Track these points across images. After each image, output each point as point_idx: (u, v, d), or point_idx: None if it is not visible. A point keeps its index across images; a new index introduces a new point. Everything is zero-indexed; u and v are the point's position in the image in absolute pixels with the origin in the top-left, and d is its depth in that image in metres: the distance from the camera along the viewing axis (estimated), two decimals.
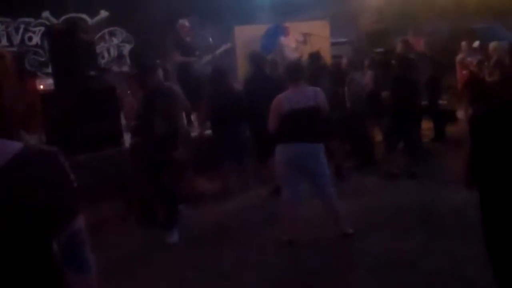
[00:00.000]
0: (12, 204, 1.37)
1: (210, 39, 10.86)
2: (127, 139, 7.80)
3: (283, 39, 12.00)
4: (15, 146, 1.44)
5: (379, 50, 11.24)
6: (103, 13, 12.86)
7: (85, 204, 5.43)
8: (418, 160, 8.19)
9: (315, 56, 8.75)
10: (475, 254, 5.03)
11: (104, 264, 5.42)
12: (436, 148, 9.71)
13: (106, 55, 13.07)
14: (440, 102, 10.82)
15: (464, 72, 11.24)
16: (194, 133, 8.57)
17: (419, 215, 6.36)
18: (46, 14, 12.22)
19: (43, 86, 10.52)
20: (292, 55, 11.37)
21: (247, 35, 12.78)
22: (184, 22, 10.21)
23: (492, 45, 10.40)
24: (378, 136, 9.31)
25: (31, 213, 1.40)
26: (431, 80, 9.96)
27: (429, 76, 9.90)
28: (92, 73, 8.28)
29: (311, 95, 5.70)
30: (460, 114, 11.40)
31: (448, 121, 10.75)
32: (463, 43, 11.65)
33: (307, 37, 12.30)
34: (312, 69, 8.15)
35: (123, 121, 8.46)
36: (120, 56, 12.38)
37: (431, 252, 5.29)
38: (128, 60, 13.05)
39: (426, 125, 10.20)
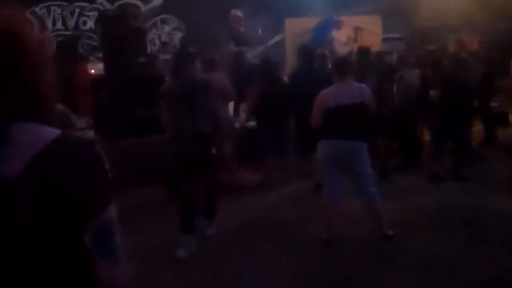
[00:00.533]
0: (47, 190, 1.39)
1: (260, 30, 10.84)
2: None
3: (335, 33, 11.87)
4: (53, 132, 1.46)
5: (430, 47, 10.98)
6: (156, 1, 12.99)
7: (128, 188, 5.51)
8: (467, 162, 7.98)
9: (364, 52, 8.59)
10: None
11: (144, 249, 5.55)
12: (485, 151, 9.44)
13: (157, 42, 13.19)
14: (493, 104, 10.51)
15: None
16: (238, 124, 8.56)
17: (462, 219, 6.20)
18: None
19: (95, 70, 10.73)
20: (342, 49, 11.25)
21: (298, 28, 12.69)
22: (237, 12, 10.23)
23: None
24: (427, 136, 9.13)
25: (66, 199, 1.41)
26: (484, 81, 9.67)
27: (482, 76, 9.62)
28: (141, 59, 8.38)
29: (357, 91, 5.60)
30: None
31: (499, 124, 10.44)
32: None
33: (359, 32, 12.14)
34: (360, 64, 8.01)
35: None
36: (164, 43, 12.46)
37: (471, 258, 5.17)
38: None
39: (477, 128, 9.93)
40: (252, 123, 8.29)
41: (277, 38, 10.90)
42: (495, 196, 6.87)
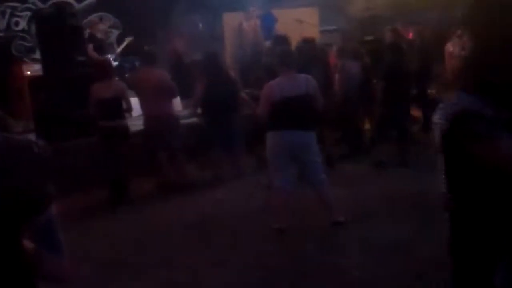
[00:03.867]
0: None
1: (200, 25, 10.83)
2: None
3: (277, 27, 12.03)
4: None
5: (369, 38, 11.21)
6: None
7: (72, 191, 5.34)
8: (408, 149, 8.18)
9: (309, 43, 8.63)
10: None
11: (92, 252, 5.46)
12: (424, 137, 9.69)
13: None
14: (429, 91, 10.81)
15: (453, 61, 11.25)
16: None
17: (409, 203, 6.33)
18: None
19: (30, 72, 10.41)
20: None
21: (236, 22, 12.71)
22: (95, 19, 10.45)
23: None
24: (368, 124, 9.33)
25: (9, 199, 1.47)
26: (421, 69, 9.93)
27: (419, 65, 9.87)
28: (81, 58, 8.21)
29: (303, 82, 5.67)
30: None
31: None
32: (458, 31, 11.64)
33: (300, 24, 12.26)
34: (305, 56, 8.09)
35: None
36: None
37: (423, 239, 5.28)
38: (115, 46, 12.96)
39: (415, 114, 10.18)
40: (195, 119, 8.24)
41: (126, 42, 11.17)
42: (437, 179, 7.05)
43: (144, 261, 5.31)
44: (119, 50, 10.92)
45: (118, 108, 7.10)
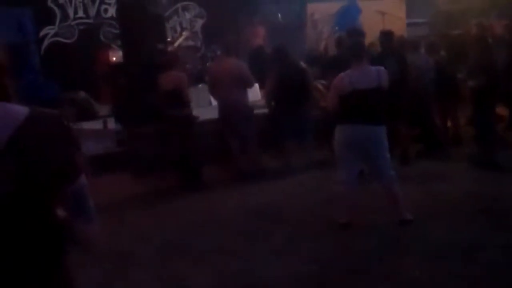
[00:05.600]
0: (27, 163, 1.50)
1: (279, 15, 10.81)
2: None
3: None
4: (23, 110, 1.58)
5: (455, 32, 10.78)
6: None
7: (147, 175, 5.55)
8: (492, 149, 7.79)
9: (385, 35, 8.36)
10: None
11: (164, 233, 5.61)
12: (510, 137, 9.22)
13: (178, 29, 13.18)
14: None
15: None
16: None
17: (483, 207, 6.02)
18: None
19: (116, 58, 10.77)
20: None
21: (320, 13, 12.60)
22: None
23: None
24: (450, 122, 8.97)
25: (45, 170, 1.54)
26: (508, 66, 9.42)
27: (507, 61, 9.38)
28: (160, 46, 8.37)
29: (374, 75, 5.50)
30: None
31: None
32: None
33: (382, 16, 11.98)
34: (382, 48, 7.89)
35: None
36: (183, 30, 12.55)
37: (491, 245, 5.02)
38: (199, 35, 13.18)
39: (501, 113, 9.70)
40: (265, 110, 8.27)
41: (184, 36, 11.62)
42: None
43: (202, 247, 5.39)
44: (176, 44, 11.07)
45: (178, 99, 7.22)
